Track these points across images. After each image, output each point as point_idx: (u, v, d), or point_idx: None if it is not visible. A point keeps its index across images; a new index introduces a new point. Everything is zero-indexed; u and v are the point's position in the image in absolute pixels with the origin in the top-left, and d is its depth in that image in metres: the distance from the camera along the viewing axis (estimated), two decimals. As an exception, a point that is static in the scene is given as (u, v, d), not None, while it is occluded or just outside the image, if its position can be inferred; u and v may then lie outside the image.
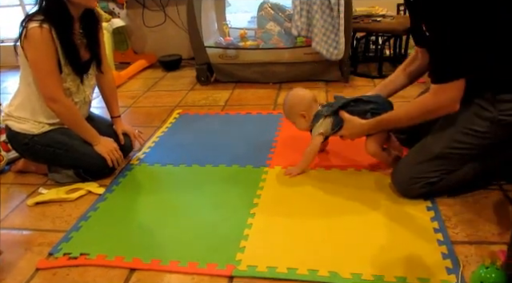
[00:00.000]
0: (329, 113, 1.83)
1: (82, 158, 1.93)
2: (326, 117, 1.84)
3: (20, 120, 1.89)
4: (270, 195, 1.78)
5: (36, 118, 1.89)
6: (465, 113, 1.52)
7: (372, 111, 1.75)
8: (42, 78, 1.78)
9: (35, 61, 1.75)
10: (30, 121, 1.89)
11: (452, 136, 1.55)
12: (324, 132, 1.85)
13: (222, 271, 1.38)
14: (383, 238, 1.47)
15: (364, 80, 3.08)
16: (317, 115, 1.87)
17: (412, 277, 1.28)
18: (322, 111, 1.86)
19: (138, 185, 1.95)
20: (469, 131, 1.52)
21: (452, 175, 1.60)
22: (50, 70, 1.76)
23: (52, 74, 1.77)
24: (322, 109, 1.87)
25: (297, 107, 1.90)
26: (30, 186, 2.00)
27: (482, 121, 1.50)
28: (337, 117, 1.82)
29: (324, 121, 1.84)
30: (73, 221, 1.71)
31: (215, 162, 2.07)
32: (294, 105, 1.91)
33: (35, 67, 1.76)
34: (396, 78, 1.93)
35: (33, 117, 1.89)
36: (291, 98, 1.93)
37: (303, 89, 1.95)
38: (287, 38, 3.01)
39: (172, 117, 2.68)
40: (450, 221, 1.52)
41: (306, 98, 1.90)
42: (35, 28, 1.69)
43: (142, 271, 1.42)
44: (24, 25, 1.71)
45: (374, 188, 1.76)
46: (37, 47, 1.72)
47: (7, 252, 1.54)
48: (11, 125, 1.90)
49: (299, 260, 1.40)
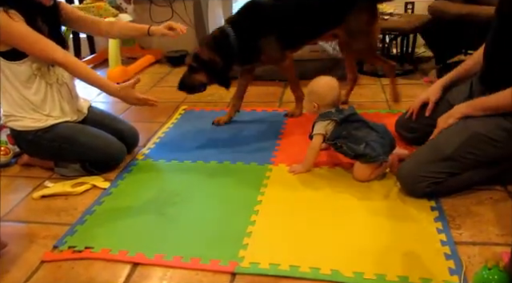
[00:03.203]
0: (336, 119, 1.82)
1: (88, 152, 1.95)
2: (332, 122, 1.83)
3: (16, 118, 1.89)
4: (274, 193, 1.78)
5: (29, 112, 1.88)
6: (485, 120, 1.54)
7: (368, 143, 1.74)
8: (35, 49, 1.76)
9: (17, 39, 1.72)
10: (25, 116, 1.88)
11: (467, 140, 1.55)
12: (324, 134, 1.84)
13: (225, 267, 1.39)
14: (386, 237, 1.47)
15: (370, 78, 3.07)
16: (325, 114, 1.85)
17: (414, 276, 1.28)
18: (332, 114, 1.84)
19: (143, 180, 1.96)
20: (485, 138, 1.53)
21: (457, 177, 1.60)
22: (36, 37, 1.75)
23: (40, 39, 1.76)
24: (333, 111, 1.85)
25: (316, 96, 1.88)
26: (35, 179, 2.02)
27: (500, 131, 1.52)
28: (339, 127, 1.81)
29: (328, 124, 1.83)
30: (78, 215, 1.73)
31: (220, 159, 2.08)
32: (316, 93, 1.88)
33: (21, 44, 1.74)
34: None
35: (27, 112, 1.87)
36: (318, 85, 1.89)
37: (336, 86, 1.88)
38: (294, 36, 3.00)
39: (177, 113, 2.69)
40: (454, 222, 1.52)
41: (331, 95, 1.86)
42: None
43: (146, 266, 1.43)
44: None
45: (378, 187, 1.76)
46: (7, 28, 1.69)
47: (13, 244, 1.56)
48: (11, 125, 1.91)
49: (302, 257, 1.40)
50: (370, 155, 1.74)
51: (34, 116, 1.88)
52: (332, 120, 1.83)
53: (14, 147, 2.16)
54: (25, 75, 1.82)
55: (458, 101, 1.72)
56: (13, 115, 1.88)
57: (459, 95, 1.79)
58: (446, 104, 1.82)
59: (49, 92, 1.90)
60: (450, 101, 1.81)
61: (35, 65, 1.83)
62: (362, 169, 1.78)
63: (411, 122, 1.98)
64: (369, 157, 1.74)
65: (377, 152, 1.74)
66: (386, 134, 1.81)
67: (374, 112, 2.46)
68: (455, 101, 1.75)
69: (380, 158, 1.75)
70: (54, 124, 1.91)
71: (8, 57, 1.78)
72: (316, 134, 1.86)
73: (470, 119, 1.57)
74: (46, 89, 1.89)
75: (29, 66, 1.82)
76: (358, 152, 1.76)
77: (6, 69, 1.81)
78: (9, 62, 1.79)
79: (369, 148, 1.74)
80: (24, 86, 1.84)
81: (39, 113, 1.89)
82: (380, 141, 1.77)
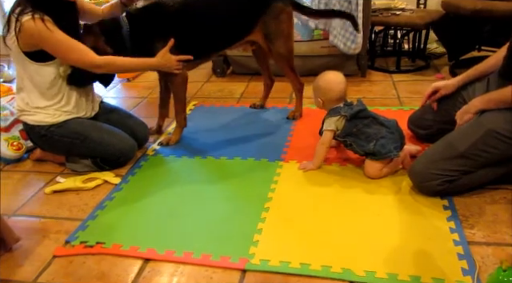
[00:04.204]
0: (346, 114, 1.80)
1: (99, 148, 1.96)
2: (341, 118, 1.81)
3: (31, 112, 1.90)
4: (285, 190, 1.77)
5: (45, 109, 1.89)
6: (500, 117, 1.51)
7: (378, 141, 1.73)
8: (71, 56, 1.77)
9: (53, 47, 1.74)
10: (40, 111, 1.90)
11: (482, 138, 1.53)
12: (335, 130, 1.83)
13: (235, 264, 1.39)
14: (398, 236, 1.46)
15: (381, 75, 3.04)
16: (335, 110, 1.84)
17: (426, 276, 1.27)
18: (341, 110, 1.82)
19: (153, 176, 1.97)
20: (499, 136, 1.51)
21: (470, 176, 1.58)
22: (72, 44, 1.76)
23: (75, 45, 1.76)
24: (342, 107, 1.83)
25: (320, 91, 1.87)
26: (47, 174, 2.04)
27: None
28: (349, 123, 1.80)
29: (338, 120, 1.82)
30: (89, 210, 1.74)
31: (230, 155, 2.07)
32: (320, 88, 1.87)
33: (58, 51, 1.76)
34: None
35: (42, 107, 1.89)
36: (322, 80, 1.87)
37: (341, 81, 1.84)
38: (304, 31, 2.98)
39: (188, 109, 2.68)
40: (467, 222, 1.50)
41: (336, 91, 1.84)
42: (29, 21, 1.68)
43: (157, 261, 1.44)
44: (17, 19, 1.69)
45: (390, 185, 1.74)
46: (41, 37, 1.71)
47: (25, 239, 1.57)
48: (25, 119, 1.93)
49: (312, 255, 1.40)
50: (380, 152, 1.73)
51: (48, 111, 1.89)
52: (342, 115, 1.81)
53: (27, 142, 2.18)
54: (50, 77, 1.84)
55: (473, 98, 1.69)
56: (27, 110, 1.90)
57: (475, 92, 1.76)
58: (460, 101, 1.80)
59: (67, 91, 1.91)
60: (465, 99, 1.78)
61: (62, 68, 1.85)
62: (372, 166, 1.77)
63: (424, 119, 1.96)
64: (379, 155, 1.73)
65: (387, 149, 1.72)
66: (396, 129, 1.79)
67: (385, 109, 2.43)
68: (470, 98, 1.72)
69: (390, 155, 1.73)
70: (67, 119, 1.92)
71: (34, 58, 1.80)
72: (326, 130, 1.84)
73: (484, 116, 1.54)
74: (65, 90, 1.90)
75: (55, 68, 1.83)
76: (368, 150, 1.75)
77: (31, 70, 1.82)
78: (35, 63, 1.80)
79: (379, 145, 1.73)
80: (47, 88, 1.86)
81: (55, 109, 1.90)
82: (390, 136, 1.75)
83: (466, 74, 1.83)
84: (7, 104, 2.23)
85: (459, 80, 1.83)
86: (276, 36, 2.18)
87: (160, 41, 1.95)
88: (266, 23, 2.15)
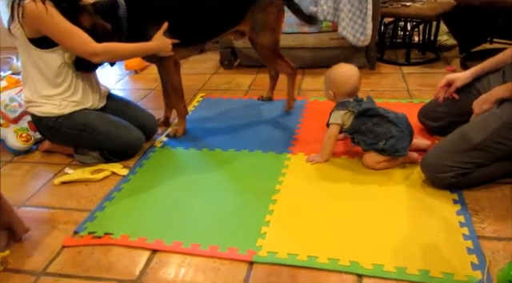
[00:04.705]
0: (354, 110, 1.78)
1: (106, 140, 1.96)
2: (349, 113, 1.79)
3: (38, 103, 1.90)
4: (293, 182, 1.76)
5: (52, 99, 1.89)
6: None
7: (388, 140, 1.71)
8: (72, 43, 1.76)
9: (54, 32, 1.73)
10: (47, 102, 1.90)
11: (498, 130, 1.51)
12: (341, 124, 1.81)
13: (243, 256, 1.39)
14: (407, 230, 1.45)
15: (391, 67, 3.01)
16: (343, 103, 1.82)
17: (436, 270, 1.26)
18: (350, 104, 1.80)
19: (161, 167, 1.97)
20: None
21: (483, 169, 1.56)
22: (74, 31, 1.74)
23: (76, 32, 1.75)
24: (351, 102, 1.80)
25: (332, 84, 1.84)
26: (56, 166, 2.05)
27: None
28: (357, 120, 1.77)
29: (345, 114, 1.80)
30: (97, 201, 1.75)
31: (238, 147, 2.07)
32: (332, 80, 1.84)
33: (59, 37, 1.75)
34: None
35: (49, 96, 1.89)
36: (335, 72, 1.85)
37: (355, 75, 1.82)
38: (313, 23, 2.95)
39: (195, 101, 2.68)
40: (477, 216, 1.49)
41: (348, 84, 1.81)
42: (30, 3, 1.67)
43: (164, 252, 1.44)
44: (19, 4, 1.69)
45: (399, 178, 1.73)
46: (43, 20, 1.70)
47: (34, 229, 1.59)
48: (32, 111, 1.93)
49: (320, 248, 1.39)
50: (388, 151, 1.71)
51: (55, 102, 1.89)
52: (349, 110, 1.79)
53: (35, 134, 2.19)
54: (56, 64, 1.84)
55: (488, 89, 1.66)
56: (34, 101, 1.90)
57: (490, 84, 1.73)
58: (474, 93, 1.77)
59: (74, 79, 1.91)
60: (479, 90, 1.76)
61: (67, 54, 1.84)
62: (372, 158, 1.77)
63: (435, 111, 1.94)
64: (387, 153, 1.72)
65: (395, 148, 1.71)
66: (406, 126, 1.76)
67: (394, 102, 2.41)
68: (485, 89, 1.70)
69: (398, 154, 1.72)
70: (74, 111, 1.92)
71: (39, 44, 1.79)
72: (332, 124, 1.82)
73: (501, 108, 1.51)
74: (72, 77, 1.90)
75: (61, 55, 1.83)
76: (377, 148, 1.73)
77: (36, 57, 1.82)
78: (40, 50, 1.80)
79: (388, 145, 1.71)
80: (53, 75, 1.86)
81: (62, 99, 1.90)
82: (400, 135, 1.72)
83: (481, 66, 1.80)
84: (16, 95, 2.24)
85: (473, 72, 1.80)
86: (262, 27, 2.16)
87: (154, 24, 1.95)
88: (253, 14, 2.13)
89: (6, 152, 2.19)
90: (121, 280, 1.35)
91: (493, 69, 1.76)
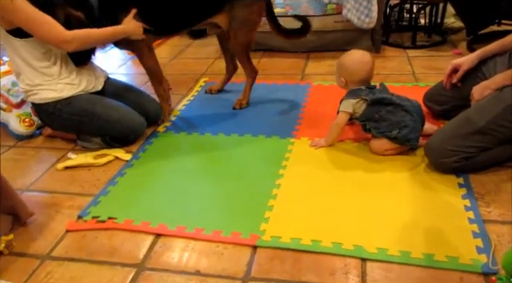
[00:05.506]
0: (367, 98, 1.73)
1: (106, 125, 1.95)
2: (361, 101, 1.75)
3: (34, 91, 1.89)
4: (296, 166, 1.75)
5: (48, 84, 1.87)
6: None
7: (402, 129, 1.67)
8: (42, 31, 1.72)
9: (22, 20, 1.69)
10: (44, 87, 1.88)
11: (501, 113, 1.49)
12: (352, 112, 1.77)
13: (246, 240, 1.39)
14: (412, 214, 1.44)
15: (396, 50, 2.96)
16: (355, 92, 1.77)
17: (440, 254, 1.25)
18: (362, 92, 1.75)
19: (164, 152, 1.96)
20: None
21: (487, 153, 1.54)
22: (40, 18, 1.70)
23: (46, 20, 1.71)
24: (364, 89, 1.76)
25: (345, 71, 1.79)
26: (59, 151, 2.05)
27: None
28: (370, 107, 1.73)
29: (358, 102, 1.75)
30: (101, 186, 1.75)
31: (241, 132, 2.05)
32: (345, 67, 1.79)
33: (28, 26, 1.71)
34: None
35: (44, 84, 1.87)
36: (348, 59, 1.79)
37: (369, 62, 1.76)
38: (317, 5, 2.90)
39: (198, 86, 2.66)
40: (483, 200, 1.47)
41: (362, 71, 1.76)
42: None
43: (168, 237, 1.45)
44: None
45: (403, 162, 1.71)
46: (8, 8, 1.65)
47: (38, 213, 1.59)
48: (32, 99, 1.92)
49: (324, 232, 1.39)
50: (401, 140, 1.69)
51: (51, 86, 1.88)
52: (362, 99, 1.74)
53: (38, 119, 2.18)
54: (40, 51, 1.81)
55: (494, 73, 1.63)
56: (30, 90, 1.89)
57: (496, 67, 1.70)
58: (480, 76, 1.74)
59: (64, 62, 1.89)
60: (485, 74, 1.73)
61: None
62: (381, 145, 1.74)
63: (440, 95, 1.91)
64: (399, 142, 1.69)
65: (407, 138, 1.68)
66: (419, 114, 1.73)
67: (399, 85, 2.37)
68: (491, 73, 1.66)
69: (410, 144, 1.70)
70: (73, 95, 1.91)
71: (19, 35, 1.76)
72: (342, 112, 1.80)
73: (505, 91, 1.49)
74: (62, 60, 1.88)
75: (41, 42, 1.79)
76: (389, 137, 1.70)
77: (20, 47, 1.79)
78: (21, 40, 1.77)
79: (401, 134, 1.68)
80: (41, 62, 1.83)
81: (57, 83, 1.88)
82: (413, 125, 1.69)
83: (488, 49, 1.76)
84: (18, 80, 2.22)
85: (478, 54, 1.77)
86: (241, 24, 2.10)
87: (125, 11, 1.92)
88: (234, 8, 2.07)
89: (9, 137, 2.19)
90: (125, 263, 1.35)
91: (499, 52, 1.72)
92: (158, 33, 2.10)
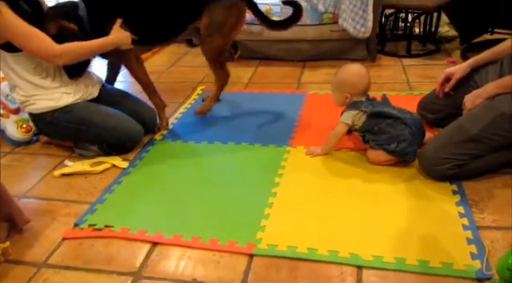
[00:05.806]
0: (366, 110, 1.74)
1: (104, 133, 1.95)
2: (361, 113, 1.75)
3: (31, 101, 1.89)
4: (292, 175, 1.76)
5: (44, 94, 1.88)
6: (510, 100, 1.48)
7: (400, 143, 1.67)
8: (31, 45, 1.71)
9: (11, 34, 1.67)
10: (40, 98, 1.88)
11: (494, 121, 1.51)
12: (351, 124, 1.78)
13: (243, 249, 1.39)
14: (406, 221, 1.45)
15: (391, 59, 2.99)
16: (355, 104, 1.78)
17: (435, 261, 1.27)
18: (362, 104, 1.76)
19: (161, 160, 1.97)
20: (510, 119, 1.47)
21: (480, 160, 1.56)
22: (27, 30, 1.68)
23: (35, 33, 1.70)
24: (364, 101, 1.77)
25: (347, 86, 1.78)
26: (56, 157, 2.05)
27: None
28: (370, 119, 1.74)
29: (357, 114, 1.76)
30: (97, 194, 1.75)
31: (237, 140, 2.07)
32: (347, 83, 1.78)
33: (18, 40, 1.70)
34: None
35: (40, 95, 1.88)
36: (347, 74, 1.80)
37: (366, 74, 1.79)
38: (313, 15, 2.93)
39: (195, 94, 2.68)
40: (477, 206, 1.49)
41: (362, 84, 1.77)
42: None
43: (164, 245, 1.45)
44: None
45: (398, 170, 1.72)
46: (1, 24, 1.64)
47: (35, 220, 1.59)
48: (29, 109, 1.93)
49: (320, 240, 1.39)
50: (398, 154, 1.70)
51: (47, 96, 1.89)
52: (361, 110, 1.75)
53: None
54: (31, 64, 1.82)
55: (485, 81, 1.66)
56: (27, 100, 1.90)
57: (488, 76, 1.72)
58: (472, 85, 1.76)
59: (57, 72, 1.90)
60: (477, 82, 1.75)
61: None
62: (377, 156, 1.75)
63: (434, 103, 1.93)
64: (396, 155, 1.71)
65: (405, 152, 1.69)
66: (418, 129, 1.72)
67: (394, 94, 2.40)
68: (483, 81, 1.69)
69: (406, 157, 1.71)
70: (71, 104, 1.91)
71: (9, 49, 1.76)
72: (342, 123, 1.80)
73: (497, 99, 1.51)
74: (55, 70, 1.89)
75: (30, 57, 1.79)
76: (387, 150, 1.71)
77: (11, 62, 1.80)
78: (11, 54, 1.78)
79: (399, 148, 1.68)
80: (33, 75, 1.84)
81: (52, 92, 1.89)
82: (411, 139, 1.68)
83: (480, 57, 1.79)
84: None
85: (470, 63, 1.80)
86: (217, 27, 2.07)
87: (112, 21, 1.92)
88: (212, 11, 2.04)
89: (6, 143, 2.19)
90: (121, 272, 1.35)
91: (491, 60, 1.75)
92: (145, 43, 2.10)
